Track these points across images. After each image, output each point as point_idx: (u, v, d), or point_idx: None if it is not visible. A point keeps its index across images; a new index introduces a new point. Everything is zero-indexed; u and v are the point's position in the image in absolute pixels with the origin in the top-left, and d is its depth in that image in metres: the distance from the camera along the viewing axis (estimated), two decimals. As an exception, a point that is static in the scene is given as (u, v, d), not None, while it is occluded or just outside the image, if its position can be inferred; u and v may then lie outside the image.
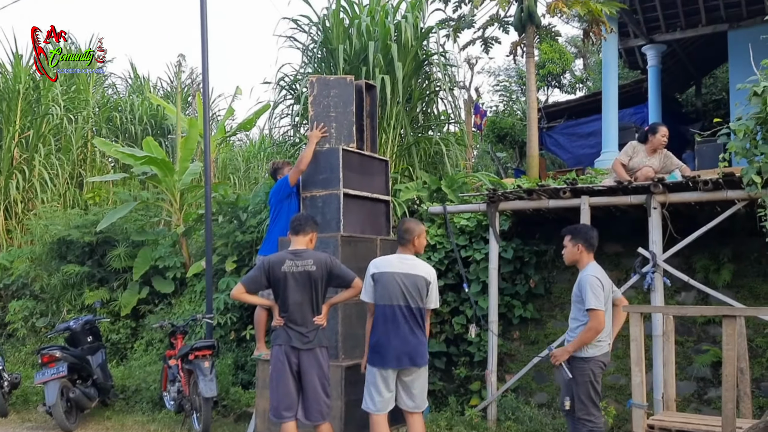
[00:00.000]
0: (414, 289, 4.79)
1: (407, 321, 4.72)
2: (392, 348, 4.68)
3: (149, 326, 8.74)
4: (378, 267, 4.89)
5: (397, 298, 4.75)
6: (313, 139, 6.36)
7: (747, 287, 6.26)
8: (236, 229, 8.54)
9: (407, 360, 4.70)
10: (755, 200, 5.45)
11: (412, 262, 4.89)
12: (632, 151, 6.84)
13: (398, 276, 4.78)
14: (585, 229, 4.95)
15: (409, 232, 4.95)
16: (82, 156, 13.18)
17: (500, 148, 16.03)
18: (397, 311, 4.73)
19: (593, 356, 4.61)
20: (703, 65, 14.59)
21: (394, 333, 4.70)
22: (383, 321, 4.76)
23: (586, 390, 4.60)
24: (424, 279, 4.84)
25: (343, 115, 6.48)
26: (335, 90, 6.50)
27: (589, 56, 21.66)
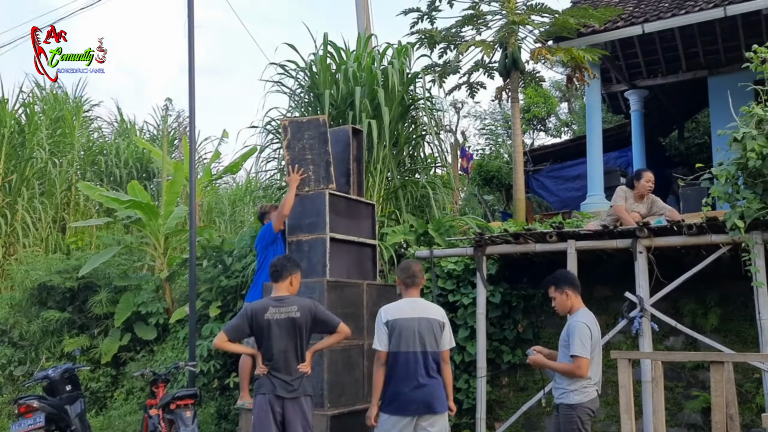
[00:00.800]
0: (429, 333, 4.66)
1: (425, 367, 4.58)
2: (411, 395, 4.53)
3: (130, 374, 8.53)
4: (391, 314, 4.71)
5: (414, 344, 4.60)
6: (293, 184, 6.33)
7: (734, 331, 6.24)
8: (221, 274, 8.45)
9: (426, 407, 4.54)
10: (739, 244, 5.47)
11: (423, 305, 4.79)
12: (624, 195, 6.90)
13: (413, 321, 4.65)
14: (564, 274, 4.93)
15: (418, 275, 4.85)
16: (65, 200, 13.09)
17: (487, 191, 16.13)
18: (414, 357, 4.58)
19: (580, 403, 4.53)
20: (684, 110, 14.87)
21: (413, 380, 4.55)
22: (400, 368, 4.59)
23: None
24: (438, 321, 4.73)
25: (319, 156, 6.41)
26: (309, 132, 6.45)
27: (574, 100, 22.05)
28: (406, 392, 4.53)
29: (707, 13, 9.59)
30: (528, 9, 9.89)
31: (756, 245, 5.31)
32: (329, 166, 6.36)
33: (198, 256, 8.43)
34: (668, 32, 10.64)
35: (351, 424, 5.99)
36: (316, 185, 6.39)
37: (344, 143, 6.90)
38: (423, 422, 4.55)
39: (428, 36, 10.19)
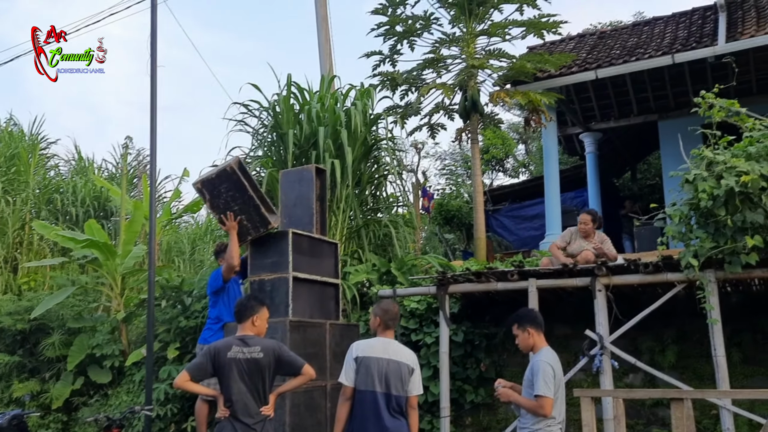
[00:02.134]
0: (396, 376, 4.61)
1: (388, 408, 4.52)
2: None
3: (83, 420, 8.22)
4: (362, 351, 4.65)
5: (380, 384, 4.55)
6: (232, 233, 6.17)
7: (691, 368, 6.38)
8: (180, 314, 8.28)
9: None
10: (694, 282, 5.64)
11: (396, 347, 4.73)
12: (569, 236, 7.10)
13: (382, 362, 4.59)
14: (527, 312, 4.96)
15: (397, 318, 4.83)
16: (18, 239, 12.70)
17: (447, 230, 16.28)
18: (378, 398, 4.52)
19: None
20: (637, 152, 15.39)
21: (374, 421, 4.50)
22: (363, 407, 4.53)
23: None
24: (407, 366, 4.68)
25: (244, 204, 6.16)
26: (225, 185, 6.12)
27: (531, 142, 22.60)
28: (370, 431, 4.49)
29: (656, 60, 10.04)
30: (486, 54, 10.21)
31: (710, 283, 5.48)
32: (259, 209, 6.13)
33: (156, 297, 8.26)
34: (620, 78, 11.07)
35: (314, 467, 5.88)
36: (255, 232, 6.21)
37: (307, 183, 6.92)
38: None
39: (390, 78, 10.40)
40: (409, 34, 10.21)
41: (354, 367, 4.62)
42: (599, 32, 13.26)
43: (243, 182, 6.07)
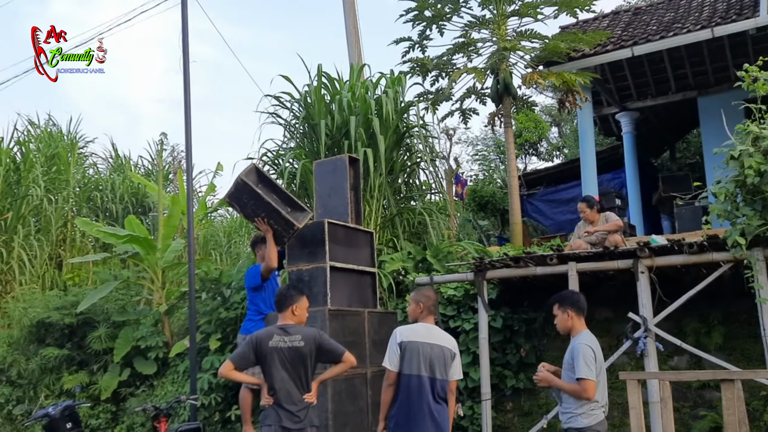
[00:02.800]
0: (440, 360, 4.66)
1: (432, 393, 4.58)
2: (420, 420, 4.53)
3: (131, 410, 8.42)
4: (406, 336, 4.70)
5: (426, 369, 4.61)
6: (269, 235, 6.26)
7: (739, 349, 6.23)
8: (220, 306, 8.40)
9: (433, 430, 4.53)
10: (740, 261, 5.49)
11: (438, 332, 4.79)
12: (581, 228, 7.21)
13: (426, 346, 4.65)
14: (570, 294, 4.90)
15: (437, 304, 4.91)
16: (61, 236, 13.04)
17: (482, 217, 16.15)
18: (424, 382, 4.58)
19: (588, 426, 4.48)
20: (675, 130, 15.02)
21: (420, 405, 4.55)
22: (409, 392, 4.59)
23: None
24: (450, 351, 4.74)
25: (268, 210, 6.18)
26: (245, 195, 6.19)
27: (564, 124, 22.25)
28: (415, 416, 4.52)
29: (695, 34, 9.75)
30: (518, 35, 10.05)
31: (758, 262, 5.33)
32: (279, 213, 6.15)
33: (196, 289, 8.39)
34: (657, 54, 10.80)
35: (357, 454, 5.92)
36: (286, 233, 6.23)
37: (341, 172, 6.93)
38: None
39: (420, 64, 10.32)
40: (438, 19, 10.10)
41: (398, 352, 4.65)
42: (634, 8, 12.95)
43: (256, 191, 6.13)
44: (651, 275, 5.88)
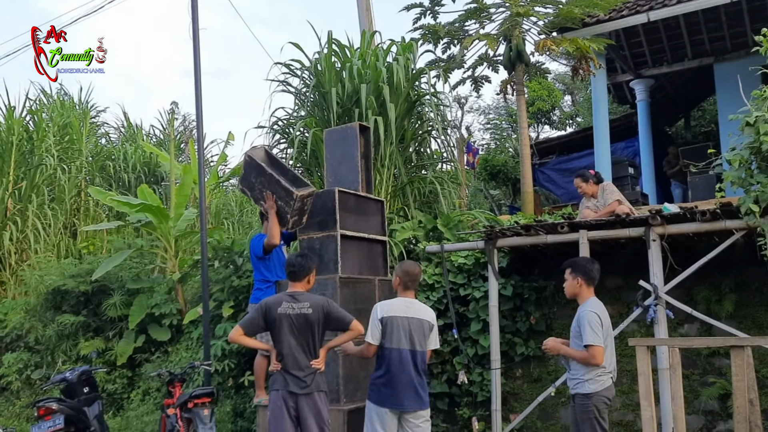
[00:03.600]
0: (419, 333, 4.88)
1: (413, 364, 4.80)
2: (402, 391, 4.75)
3: (146, 375, 8.58)
4: (386, 311, 4.89)
5: (404, 342, 4.81)
6: (272, 212, 6.31)
7: (750, 317, 6.22)
8: (232, 274, 8.48)
9: (413, 403, 4.78)
10: (754, 229, 5.45)
11: (417, 306, 4.99)
12: (584, 203, 7.20)
13: (406, 320, 4.85)
14: (584, 262, 4.91)
15: (418, 279, 5.11)
16: (75, 205, 13.16)
17: (493, 186, 16.09)
18: (406, 355, 4.80)
19: (596, 392, 4.53)
20: (691, 98, 14.80)
21: (402, 378, 4.77)
22: (391, 364, 4.80)
23: (591, 427, 4.51)
24: (429, 322, 4.95)
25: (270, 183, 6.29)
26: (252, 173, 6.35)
27: (577, 92, 21.99)
28: (398, 388, 4.75)
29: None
30: (531, 1, 9.88)
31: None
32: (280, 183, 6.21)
33: (209, 258, 8.47)
34: (673, 20, 10.58)
35: (368, 419, 6.01)
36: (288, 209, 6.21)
37: (352, 141, 6.92)
38: (409, 416, 4.79)
39: (432, 31, 10.19)
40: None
41: (380, 327, 4.86)
42: (650, -28, 12.65)
43: (260, 164, 6.27)
44: (662, 243, 5.86)
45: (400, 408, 4.76)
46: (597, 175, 7.23)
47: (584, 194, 7.12)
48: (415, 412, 4.79)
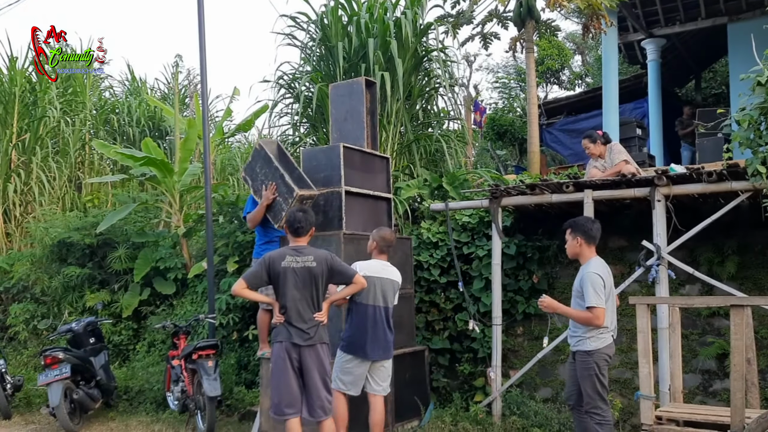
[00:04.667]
0: (391, 292, 5.45)
1: (384, 320, 5.33)
2: (374, 344, 5.27)
3: (151, 327, 8.70)
4: (365, 270, 5.31)
5: (379, 300, 5.32)
6: (264, 203, 6.28)
7: (752, 279, 6.24)
8: (237, 230, 8.51)
9: (382, 353, 5.35)
10: (759, 191, 5.42)
11: (390, 269, 5.52)
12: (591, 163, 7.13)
13: (381, 281, 5.36)
14: (584, 221, 4.92)
15: (392, 244, 5.63)
16: (80, 158, 13.13)
17: (499, 146, 16.00)
18: (378, 311, 5.30)
19: (596, 349, 4.60)
20: (702, 59, 14.57)
21: (374, 330, 5.28)
22: (365, 319, 5.28)
23: (592, 383, 4.59)
24: (398, 283, 5.55)
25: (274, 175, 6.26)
26: (259, 163, 6.36)
27: (588, 52, 21.65)
28: (370, 341, 5.25)
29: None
30: (543, -45, 9.63)
31: (777, 191, 5.25)
32: (284, 178, 6.17)
33: (214, 212, 8.49)
34: (688, -23, 10.35)
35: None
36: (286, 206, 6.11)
37: (358, 96, 6.85)
38: (377, 364, 5.38)
39: (441, -15, 9.98)
40: (461, -63, 9.70)
41: None
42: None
43: (269, 156, 6.29)
44: (667, 204, 5.84)
45: (371, 358, 5.29)
46: (605, 136, 7.15)
47: (591, 155, 7.06)
48: (381, 362, 5.38)
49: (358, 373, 5.29)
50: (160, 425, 7.05)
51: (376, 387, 5.41)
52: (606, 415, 4.55)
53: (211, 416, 6.46)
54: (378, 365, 5.38)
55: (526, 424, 6.15)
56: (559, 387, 6.81)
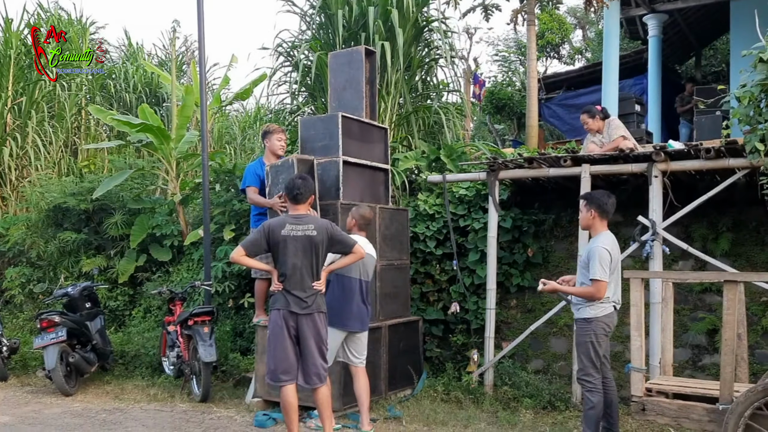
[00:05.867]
0: (370, 267, 5.58)
1: (362, 292, 5.47)
2: (354, 315, 5.41)
3: (147, 293, 8.74)
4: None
5: (360, 273, 5.44)
6: (269, 203, 6.21)
7: (745, 256, 6.30)
8: (234, 198, 8.50)
9: (360, 325, 5.46)
10: (756, 169, 5.44)
11: (370, 245, 5.62)
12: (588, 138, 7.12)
13: (367, 256, 5.39)
14: (600, 195, 4.96)
15: (370, 223, 5.85)
16: (76, 124, 13.03)
17: (498, 120, 15.91)
18: (358, 284, 5.43)
19: (596, 317, 4.66)
20: (703, 36, 14.45)
21: (357, 303, 5.43)
22: (350, 291, 5.41)
23: (586, 351, 4.67)
24: (375, 258, 5.71)
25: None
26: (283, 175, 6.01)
27: (589, 27, 21.46)
28: (353, 312, 5.40)
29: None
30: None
31: (774, 169, 5.27)
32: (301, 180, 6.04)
33: (210, 180, 8.47)
34: (692, -48, 10.23)
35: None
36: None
37: (357, 65, 6.80)
38: (354, 336, 5.50)
39: (443, -46, 9.86)
40: None
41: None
42: None
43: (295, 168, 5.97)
44: (664, 180, 5.86)
45: (350, 329, 5.41)
46: (603, 111, 7.14)
47: (590, 130, 7.06)
48: (360, 333, 5.50)
49: (334, 344, 5.37)
50: (156, 389, 7.13)
51: (354, 359, 5.52)
52: (596, 383, 4.63)
53: (207, 381, 6.53)
54: (355, 337, 5.49)
55: (518, 394, 6.25)
56: (550, 359, 6.91)
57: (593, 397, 4.63)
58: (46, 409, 6.52)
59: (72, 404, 6.68)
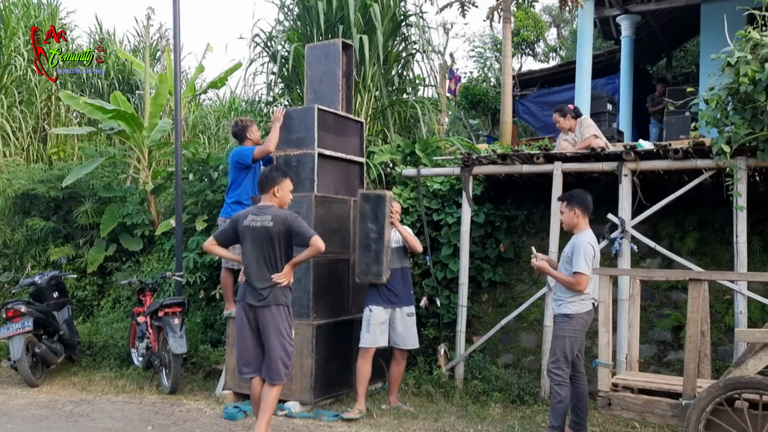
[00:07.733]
0: None
1: None
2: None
3: (117, 283, 8.63)
4: None
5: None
6: (277, 123, 6.24)
7: (710, 255, 6.45)
8: (207, 188, 8.44)
9: None
10: (723, 170, 5.57)
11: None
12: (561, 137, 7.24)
13: None
14: (580, 194, 5.09)
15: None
16: (46, 109, 12.77)
17: (472, 115, 16.03)
18: None
19: (576, 313, 4.80)
20: (675, 37, 14.71)
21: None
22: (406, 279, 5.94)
23: (562, 345, 4.79)
24: None
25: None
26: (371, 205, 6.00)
27: (563, 26, 21.66)
28: None
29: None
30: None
31: (740, 170, 5.42)
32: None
33: (183, 170, 8.39)
34: (666, -46, 10.38)
35: (336, 334, 6.21)
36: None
37: (334, 58, 6.79)
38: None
39: (422, -51, 9.85)
40: None
41: None
42: None
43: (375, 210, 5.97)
44: (634, 179, 5.98)
45: None
46: (575, 110, 7.25)
47: (561, 129, 7.16)
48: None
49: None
50: (124, 381, 7.06)
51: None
52: (565, 377, 4.75)
53: (176, 373, 6.49)
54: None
55: (488, 388, 6.32)
56: (520, 353, 7.00)
57: (561, 391, 4.73)
58: (11, 400, 6.41)
59: (38, 396, 6.58)
